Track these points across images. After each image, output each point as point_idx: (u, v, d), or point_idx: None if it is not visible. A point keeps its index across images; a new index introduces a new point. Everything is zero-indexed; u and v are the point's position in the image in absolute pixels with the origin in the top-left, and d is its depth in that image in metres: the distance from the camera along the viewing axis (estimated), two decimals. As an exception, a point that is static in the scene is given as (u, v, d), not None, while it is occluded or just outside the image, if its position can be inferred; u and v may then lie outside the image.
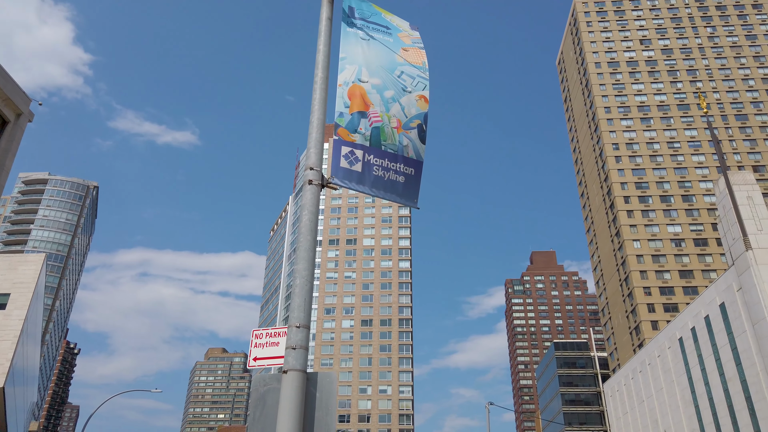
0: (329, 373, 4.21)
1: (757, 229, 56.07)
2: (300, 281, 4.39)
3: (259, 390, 4.16)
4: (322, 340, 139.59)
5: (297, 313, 4.29)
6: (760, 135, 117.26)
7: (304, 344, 4.18)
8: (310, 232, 4.55)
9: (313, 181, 4.76)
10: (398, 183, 5.30)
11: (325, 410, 4.06)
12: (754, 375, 54.09)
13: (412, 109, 5.58)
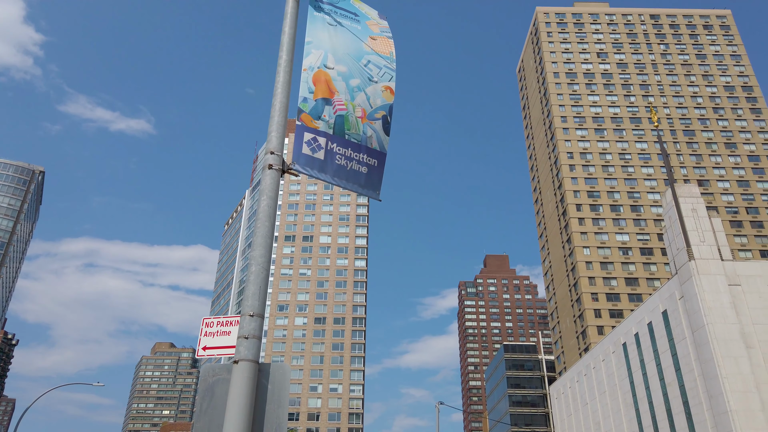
0: (282, 364, 4.07)
1: (700, 240, 58.44)
2: (256, 268, 4.22)
3: (207, 381, 3.97)
4: (274, 337, 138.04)
5: (251, 301, 4.12)
6: (705, 151, 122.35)
7: (257, 334, 4.01)
8: (268, 219, 4.39)
9: (274, 166, 4.59)
10: (361, 173, 5.19)
11: (277, 403, 3.90)
12: (692, 380, 56.36)
13: (377, 99, 5.48)
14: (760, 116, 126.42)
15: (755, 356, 52.59)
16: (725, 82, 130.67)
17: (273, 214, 4.44)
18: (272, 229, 4.39)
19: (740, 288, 56.10)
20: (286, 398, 3.95)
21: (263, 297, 4.18)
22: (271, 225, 4.39)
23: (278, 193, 4.58)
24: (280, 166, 4.65)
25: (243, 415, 3.68)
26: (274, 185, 4.54)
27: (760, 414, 49.71)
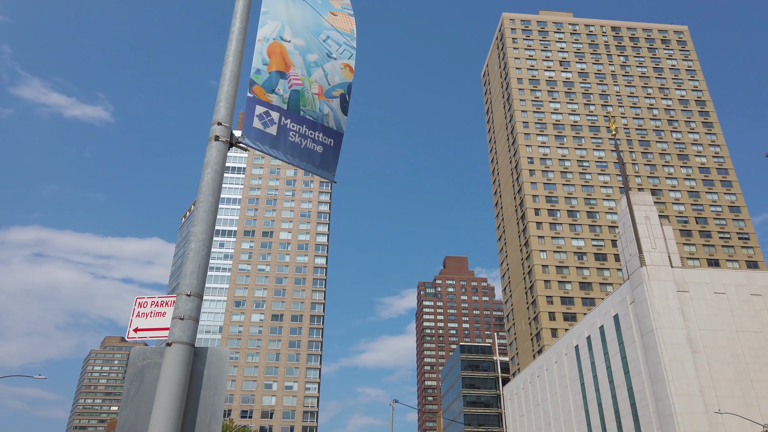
0: (221, 348, 3.78)
1: (652, 247, 60.17)
2: (195, 245, 3.91)
3: (137, 364, 3.65)
4: (229, 333, 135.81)
5: (189, 279, 3.82)
6: (659, 161, 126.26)
7: (194, 315, 3.71)
8: (212, 193, 4.08)
9: (220, 138, 4.29)
10: (316, 153, 4.93)
11: (212, 389, 3.61)
12: (640, 383, 57.96)
13: (335, 76, 5.23)
14: (712, 130, 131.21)
15: (700, 361, 54.44)
16: (680, 95, 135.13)
17: (217, 189, 4.14)
18: (215, 205, 4.09)
19: (688, 294, 58.01)
20: (224, 385, 3.67)
21: (202, 276, 3.88)
22: (215, 200, 4.09)
23: (224, 167, 4.29)
24: (227, 138, 4.35)
25: (174, 401, 3.38)
26: (220, 158, 4.24)
27: (703, 417, 51.47)
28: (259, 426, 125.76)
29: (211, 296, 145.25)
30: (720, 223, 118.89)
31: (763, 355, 55.40)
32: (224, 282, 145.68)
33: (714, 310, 57.36)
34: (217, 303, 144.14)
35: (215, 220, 4.04)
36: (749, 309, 57.87)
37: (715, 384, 53.42)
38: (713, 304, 57.74)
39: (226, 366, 3.70)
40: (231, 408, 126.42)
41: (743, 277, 61.01)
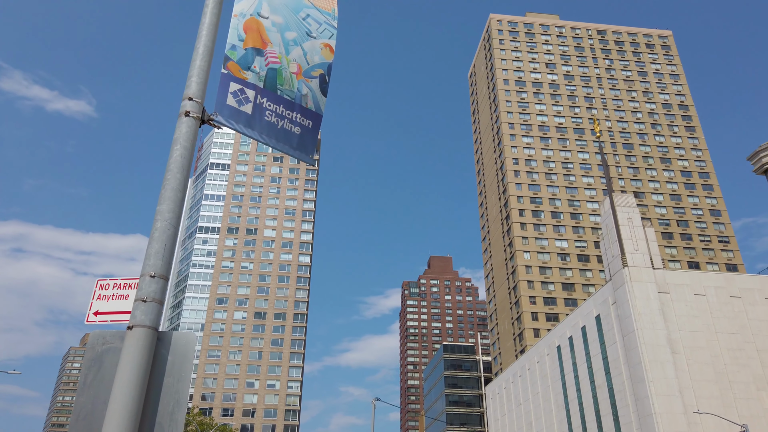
0: (187, 333, 3.58)
1: (634, 249, 60.67)
2: (162, 224, 3.70)
3: (96, 349, 3.43)
4: (212, 331, 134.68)
5: (154, 260, 3.60)
6: (642, 164, 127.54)
7: (158, 297, 3.51)
8: (180, 170, 3.87)
9: (191, 113, 4.08)
10: (293, 134, 4.74)
11: (177, 376, 3.41)
12: (621, 383, 58.42)
13: (315, 56, 5.04)
14: (694, 134, 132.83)
15: (680, 361, 55.00)
16: (663, 99, 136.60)
17: (187, 167, 3.93)
18: (184, 183, 3.88)
19: (669, 296, 58.57)
20: (189, 372, 3.47)
21: (168, 257, 3.67)
22: (184, 178, 3.88)
23: (194, 144, 4.08)
24: (198, 114, 4.14)
25: (134, 388, 3.17)
26: (190, 135, 4.03)
27: (682, 417, 51.99)
28: (240, 424, 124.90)
29: (193, 293, 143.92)
30: (701, 226, 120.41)
31: (741, 357, 56.12)
32: (207, 279, 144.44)
33: (694, 312, 57.99)
34: (199, 300, 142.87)
35: (184, 199, 3.84)
36: (728, 311, 58.60)
37: (694, 384, 54.00)
38: (693, 305, 58.37)
39: (192, 352, 3.50)
40: (212, 406, 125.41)
41: (723, 279, 61.76)
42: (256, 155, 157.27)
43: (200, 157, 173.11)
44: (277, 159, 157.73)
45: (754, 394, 54.36)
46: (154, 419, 3.25)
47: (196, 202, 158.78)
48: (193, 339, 3.54)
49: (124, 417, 3.06)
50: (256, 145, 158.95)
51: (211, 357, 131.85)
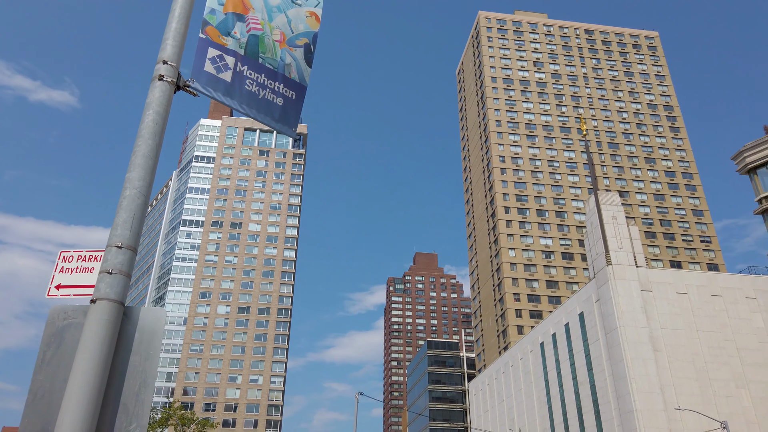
0: (156, 309, 3.33)
1: (618, 247, 61.07)
2: (131, 193, 3.44)
3: (56, 324, 3.16)
4: (194, 325, 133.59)
5: (121, 230, 3.35)
6: (627, 164, 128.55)
7: (125, 270, 3.25)
8: (152, 137, 3.62)
9: (165, 77, 3.82)
10: (275, 105, 4.49)
11: (144, 355, 3.17)
12: (603, 380, 58.85)
13: (300, 24, 4.80)
14: (678, 135, 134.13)
15: (661, 359, 55.51)
16: (649, 100, 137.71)
17: (159, 133, 3.67)
18: (156, 150, 3.63)
19: (651, 294, 59.07)
20: (157, 350, 3.23)
21: (137, 227, 3.42)
22: (156, 145, 3.63)
23: (168, 110, 3.82)
24: (173, 78, 3.88)
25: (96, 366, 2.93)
26: (163, 99, 3.77)
27: (663, 414, 52.50)
28: (222, 419, 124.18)
29: (176, 287, 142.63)
30: (683, 226, 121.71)
31: (721, 355, 56.78)
32: (190, 273, 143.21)
33: (676, 310, 58.55)
34: (182, 294, 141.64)
35: (155, 168, 3.58)
36: (709, 309, 59.24)
37: (675, 382, 54.54)
38: (675, 303, 58.93)
39: (161, 329, 3.26)
40: (194, 401, 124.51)
41: (705, 278, 62.42)
42: (241, 148, 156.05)
43: (185, 149, 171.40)
44: (263, 153, 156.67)
45: (734, 391, 55.05)
46: (118, 400, 3.01)
47: (180, 194, 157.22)
48: (163, 315, 3.29)
49: (85, 396, 2.81)
50: (241, 138, 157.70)
51: (193, 351, 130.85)
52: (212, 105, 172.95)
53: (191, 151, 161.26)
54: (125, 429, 2.94)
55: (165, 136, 3.78)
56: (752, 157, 43.60)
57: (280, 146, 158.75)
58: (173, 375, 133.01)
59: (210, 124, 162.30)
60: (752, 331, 58.64)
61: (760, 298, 60.75)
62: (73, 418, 2.75)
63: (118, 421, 2.95)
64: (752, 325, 59.00)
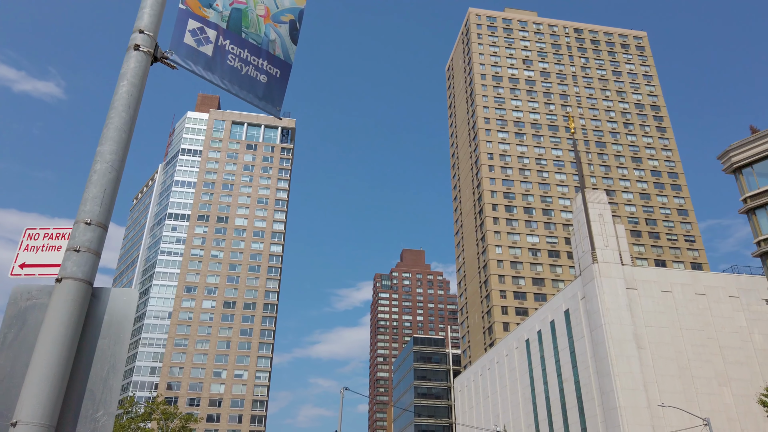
0: (128, 290, 3.14)
1: (604, 245, 61.43)
2: (102, 167, 3.24)
3: (19, 304, 2.96)
4: (179, 319, 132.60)
5: (90, 205, 3.15)
6: (614, 162, 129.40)
7: (94, 247, 3.06)
8: (126, 109, 3.42)
9: (141, 47, 3.61)
10: (259, 82, 4.30)
11: (114, 338, 2.98)
12: (587, 377, 59.24)
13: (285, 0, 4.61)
14: (665, 135, 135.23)
15: (645, 357, 55.97)
16: (636, 99, 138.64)
17: (134, 105, 3.47)
18: (130, 124, 3.43)
19: (636, 292, 59.51)
20: (128, 333, 3.04)
21: (108, 203, 3.22)
22: (130, 118, 3.42)
23: (144, 82, 3.62)
24: (149, 49, 3.68)
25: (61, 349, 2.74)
26: (139, 70, 3.56)
27: (646, 411, 52.95)
28: (206, 414, 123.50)
29: (161, 281, 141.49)
30: (668, 225, 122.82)
31: (704, 353, 57.37)
32: (175, 267, 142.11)
33: (660, 308, 59.05)
34: (167, 288, 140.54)
35: (129, 142, 3.38)
36: (693, 308, 59.82)
37: (658, 379, 55.03)
38: (660, 301, 59.43)
39: (132, 311, 3.07)
40: (178, 395, 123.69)
41: (689, 276, 63.02)
42: (228, 142, 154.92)
43: (171, 142, 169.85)
44: (251, 147, 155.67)
45: (716, 389, 55.67)
46: (84, 385, 2.82)
47: (166, 188, 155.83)
48: (135, 297, 3.10)
49: (48, 382, 2.62)
50: (229, 132, 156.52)
51: (178, 346, 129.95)
52: (200, 98, 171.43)
53: (178, 144, 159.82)
54: (91, 417, 2.76)
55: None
56: (738, 157, 43.97)
57: (267, 140, 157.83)
58: (157, 369, 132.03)
59: (197, 117, 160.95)
60: (735, 330, 59.33)
61: (743, 297, 61.47)
62: (35, 404, 2.56)
63: (84, 408, 2.77)
64: (735, 324, 59.69)
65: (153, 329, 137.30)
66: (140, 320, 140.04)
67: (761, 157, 42.96)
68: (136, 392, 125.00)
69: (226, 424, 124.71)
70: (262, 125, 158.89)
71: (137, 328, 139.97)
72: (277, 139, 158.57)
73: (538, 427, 69.75)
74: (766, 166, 42.91)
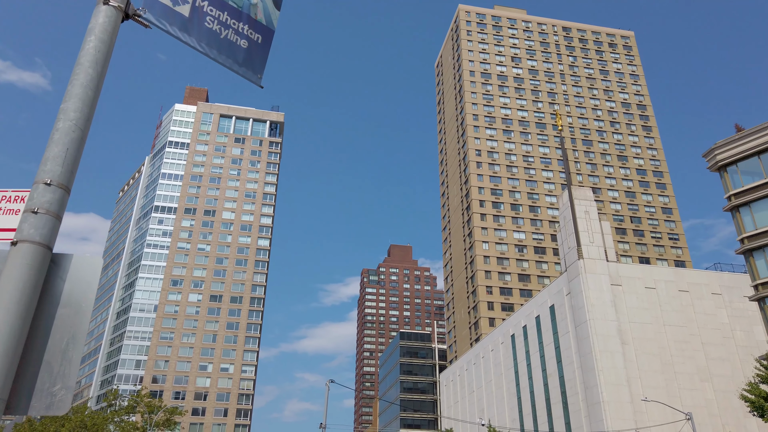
0: (90, 257, 2.92)
1: (590, 241, 61.74)
2: (65, 124, 3.02)
3: (-29, 271, 2.74)
4: (165, 312, 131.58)
5: (51, 165, 2.92)
6: (600, 161, 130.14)
7: (54, 209, 2.83)
8: (93, 65, 3.19)
9: (111, 1, 3.39)
10: (239, 47, 4.08)
11: (75, 307, 2.76)
12: (571, 372, 59.58)
13: (268, -38, 4.38)
14: (651, 134, 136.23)
15: (629, 352, 56.39)
16: (623, 98, 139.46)
17: (102, 62, 3.24)
18: (97, 81, 3.20)
19: (621, 288, 59.92)
20: (90, 303, 2.83)
21: (71, 164, 2.99)
22: (97, 75, 3.20)
23: (113, 39, 3.39)
24: (121, 5, 3.45)
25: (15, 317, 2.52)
26: (108, 26, 3.33)
27: (629, 406, 53.38)
28: (191, 407, 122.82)
29: (146, 274, 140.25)
30: (653, 223, 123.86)
31: (687, 349, 57.93)
32: (161, 260, 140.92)
33: (644, 304, 59.51)
34: (153, 281, 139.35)
35: (95, 101, 3.16)
36: (677, 304, 60.36)
37: (641, 374, 55.48)
38: (644, 298, 59.90)
39: (95, 280, 2.85)
40: (163, 389, 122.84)
41: (672, 273, 63.56)
42: (216, 135, 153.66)
43: (158, 134, 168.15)
44: (239, 140, 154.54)
45: (698, 384, 56.25)
46: (41, 356, 2.61)
47: (153, 180, 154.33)
48: (98, 265, 2.88)
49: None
50: (217, 124, 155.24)
51: (163, 339, 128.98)
52: (188, 91, 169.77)
53: (165, 136, 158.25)
54: (48, 390, 2.55)
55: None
56: (723, 155, 44.30)
57: (256, 134, 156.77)
58: (142, 363, 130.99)
59: (185, 110, 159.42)
60: (717, 326, 59.97)
61: (726, 294, 62.13)
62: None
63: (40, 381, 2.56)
64: (717, 321, 60.33)
65: (138, 322, 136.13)
66: (125, 313, 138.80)
67: (746, 155, 43.31)
68: (121, 385, 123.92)
69: (211, 418, 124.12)
70: (251, 119, 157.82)
71: (122, 321, 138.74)
72: (265, 133, 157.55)
73: (523, 422, 70.13)
74: (750, 165, 43.27)
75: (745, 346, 59.19)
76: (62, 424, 57.36)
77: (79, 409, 64.15)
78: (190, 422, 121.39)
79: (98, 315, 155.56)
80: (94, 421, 58.05)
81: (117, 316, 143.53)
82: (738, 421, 54.85)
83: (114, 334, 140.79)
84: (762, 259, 42.14)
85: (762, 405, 34.23)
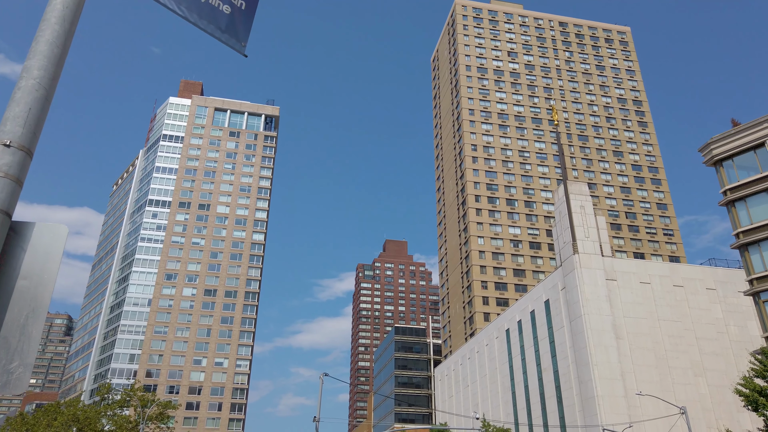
0: (53, 225, 2.70)
1: (585, 236, 61.71)
2: (28, 83, 2.79)
3: None
4: (159, 306, 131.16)
5: (11, 125, 2.70)
6: (595, 156, 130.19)
7: (13, 173, 2.61)
8: (60, 22, 2.97)
9: (81, -45, 3.17)
10: (222, 13, 3.87)
11: (36, 279, 2.54)
12: (566, 367, 59.64)
13: (253, -74, 4.15)
14: (646, 129, 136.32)
15: (623, 347, 56.46)
16: (619, 94, 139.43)
17: (69, 19, 3.02)
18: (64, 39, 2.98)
19: (616, 283, 59.95)
20: (53, 274, 2.61)
21: (32, 124, 2.77)
22: (64, 32, 2.97)
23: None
24: (91, -41, 3.24)
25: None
26: (77, -19, 3.11)
27: (623, 400, 53.47)
28: (185, 402, 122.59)
29: (140, 268, 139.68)
30: (648, 219, 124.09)
31: (680, 343, 58.05)
32: (155, 254, 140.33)
33: (639, 299, 59.57)
34: (147, 275, 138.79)
35: (62, 59, 2.93)
36: (671, 299, 60.44)
37: (635, 369, 55.57)
38: (638, 293, 59.94)
39: (59, 250, 2.63)
40: (157, 383, 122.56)
41: (667, 268, 63.64)
42: (211, 129, 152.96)
43: (153, 128, 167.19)
44: (234, 134, 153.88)
45: (692, 379, 56.40)
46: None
47: (147, 174, 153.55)
48: (63, 233, 2.66)
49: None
50: (211, 118, 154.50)
51: (157, 333, 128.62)
52: (182, 84, 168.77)
53: (159, 130, 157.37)
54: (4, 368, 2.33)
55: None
56: (719, 150, 44.24)
57: (251, 128, 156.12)
58: (136, 357, 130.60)
59: (179, 103, 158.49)
60: (711, 321, 60.11)
61: (720, 289, 62.26)
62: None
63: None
64: (711, 316, 60.47)
65: (132, 316, 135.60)
66: (119, 307, 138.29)
67: (742, 150, 43.27)
68: (115, 380, 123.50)
69: (205, 412, 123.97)
70: (246, 112, 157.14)
71: (116, 315, 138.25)
72: (260, 127, 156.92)
73: (517, 416, 70.24)
74: (746, 159, 43.24)
75: (739, 341, 59.37)
76: (54, 418, 57.07)
77: (72, 403, 63.84)
78: (185, 416, 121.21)
79: (92, 309, 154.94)
80: (87, 415, 57.76)
81: (111, 310, 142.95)
82: (731, 416, 55.04)
83: (108, 328, 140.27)
84: (757, 253, 42.17)
85: (756, 399, 34.31)
